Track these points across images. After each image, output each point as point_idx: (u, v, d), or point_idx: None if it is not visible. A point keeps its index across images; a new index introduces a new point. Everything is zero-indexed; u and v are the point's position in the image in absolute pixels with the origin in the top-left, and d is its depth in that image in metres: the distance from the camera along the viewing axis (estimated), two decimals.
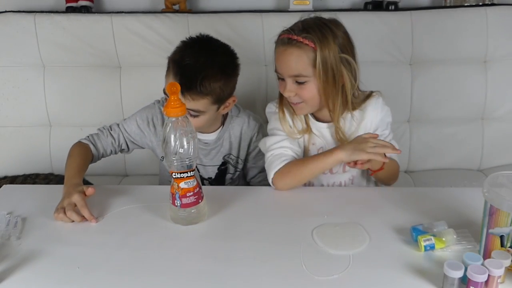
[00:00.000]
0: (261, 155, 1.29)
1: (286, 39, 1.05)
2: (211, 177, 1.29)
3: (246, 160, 1.32)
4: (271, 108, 1.19)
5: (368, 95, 1.14)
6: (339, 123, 1.11)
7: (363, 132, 1.12)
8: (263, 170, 1.29)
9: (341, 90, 1.07)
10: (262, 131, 1.28)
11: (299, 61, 1.04)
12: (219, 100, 1.12)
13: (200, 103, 1.08)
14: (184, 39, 1.15)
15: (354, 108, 1.11)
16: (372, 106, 1.13)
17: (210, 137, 1.24)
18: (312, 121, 1.16)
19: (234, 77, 1.15)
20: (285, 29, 1.08)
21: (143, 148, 1.28)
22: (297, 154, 1.15)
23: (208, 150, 1.25)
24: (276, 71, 1.10)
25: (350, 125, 1.14)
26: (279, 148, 1.13)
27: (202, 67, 1.07)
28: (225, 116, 1.26)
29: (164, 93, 1.14)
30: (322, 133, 1.16)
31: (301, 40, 1.03)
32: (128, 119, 1.26)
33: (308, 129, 1.15)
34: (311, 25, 1.05)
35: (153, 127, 1.24)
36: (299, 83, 1.06)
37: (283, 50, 1.06)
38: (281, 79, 1.09)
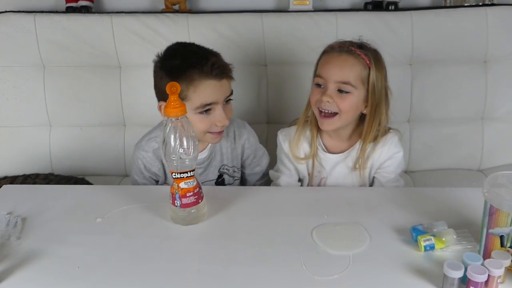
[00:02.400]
0: (257, 161, 1.28)
1: (344, 47, 1.07)
2: None
3: (243, 168, 1.29)
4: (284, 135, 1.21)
5: (386, 131, 1.15)
6: (365, 149, 1.12)
7: (371, 163, 1.15)
8: (262, 177, 1.30)
9: (379, 121, 1.10)
10: (252, 134, 1.27)
11: (353, 69, 1.05)
12: None
13: (231, 83, 1.10)
14: (164, 54, 1.11)
15: (373, 140, 1.13)
16: (385, 141, 1.14)
17: (202, 155, 1.20)
18: (320, 151, 1.17)
19: None
20: (337, 41, 1.11)
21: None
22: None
23: (203, 168, 1.21)
24: (316, 76, 1.10)
25: (360, 155, 1.14)
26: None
27: (212, 56, 1.07)
28: None
29: (204, 106, 1.07)
30: (329, 163, 1.16)
31: (359, 53, 1.06)
32: (132, 178, 1.25)
33: (312, 155, 1.16)
34: (366, 46, 1.10)
35: (147, 171, 1.21)
36: (341, 92, 1.06)
37: (338, 55, 1.07)
38: (318, 85, 1.09)
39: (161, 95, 1.09)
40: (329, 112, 1.07)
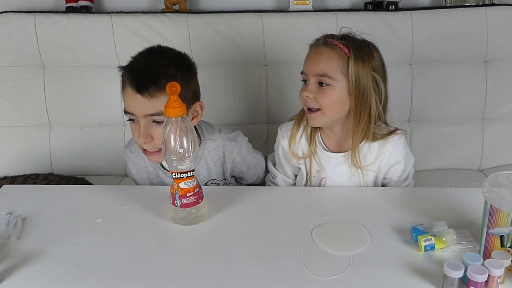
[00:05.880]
0: (252, 170, 1.24)
1: (322, 40, 1.07)
2: None
3: (239, 179, 1.27)
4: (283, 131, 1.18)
5: (392, 131, 1.11)
6: (357, 148, 1.09)
7: (378, 165, 1.12)
8: (257, 179, 1.28)
9: (368, 114, 1.05)
10: (243, 146, 1.19)
11: (329, 61, 1.04)
12: (184, 100, 0.91)
13: (161, 101, 0.95)
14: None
15: (374, 139, 1.09)
16: (394, 142, 1.10)
17: None
18: (320, 149, 1.14)
19: (190, 73, 1.07)
20: (322, 35, 1.09)
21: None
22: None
23: None
24: (302, 72, 1.09)
25: (365, 155, 1.11)
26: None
27: (153, 64, 1.01)
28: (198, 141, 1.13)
29: (125, 112, 1.03)
30: (329, 162, 1.14)
31: (336, 43, 1.04)
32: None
33: (310, 155, 1.14)
34: (350, 36, 1.07)
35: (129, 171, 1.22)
36: (321, 86, 1.05)
37: (316, 49, 1.07)
38: (305, 81, 1.08)
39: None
40: (313, 108, 1.07)
